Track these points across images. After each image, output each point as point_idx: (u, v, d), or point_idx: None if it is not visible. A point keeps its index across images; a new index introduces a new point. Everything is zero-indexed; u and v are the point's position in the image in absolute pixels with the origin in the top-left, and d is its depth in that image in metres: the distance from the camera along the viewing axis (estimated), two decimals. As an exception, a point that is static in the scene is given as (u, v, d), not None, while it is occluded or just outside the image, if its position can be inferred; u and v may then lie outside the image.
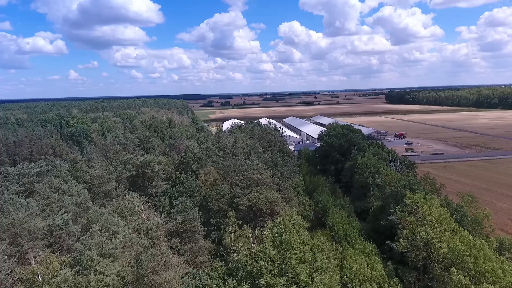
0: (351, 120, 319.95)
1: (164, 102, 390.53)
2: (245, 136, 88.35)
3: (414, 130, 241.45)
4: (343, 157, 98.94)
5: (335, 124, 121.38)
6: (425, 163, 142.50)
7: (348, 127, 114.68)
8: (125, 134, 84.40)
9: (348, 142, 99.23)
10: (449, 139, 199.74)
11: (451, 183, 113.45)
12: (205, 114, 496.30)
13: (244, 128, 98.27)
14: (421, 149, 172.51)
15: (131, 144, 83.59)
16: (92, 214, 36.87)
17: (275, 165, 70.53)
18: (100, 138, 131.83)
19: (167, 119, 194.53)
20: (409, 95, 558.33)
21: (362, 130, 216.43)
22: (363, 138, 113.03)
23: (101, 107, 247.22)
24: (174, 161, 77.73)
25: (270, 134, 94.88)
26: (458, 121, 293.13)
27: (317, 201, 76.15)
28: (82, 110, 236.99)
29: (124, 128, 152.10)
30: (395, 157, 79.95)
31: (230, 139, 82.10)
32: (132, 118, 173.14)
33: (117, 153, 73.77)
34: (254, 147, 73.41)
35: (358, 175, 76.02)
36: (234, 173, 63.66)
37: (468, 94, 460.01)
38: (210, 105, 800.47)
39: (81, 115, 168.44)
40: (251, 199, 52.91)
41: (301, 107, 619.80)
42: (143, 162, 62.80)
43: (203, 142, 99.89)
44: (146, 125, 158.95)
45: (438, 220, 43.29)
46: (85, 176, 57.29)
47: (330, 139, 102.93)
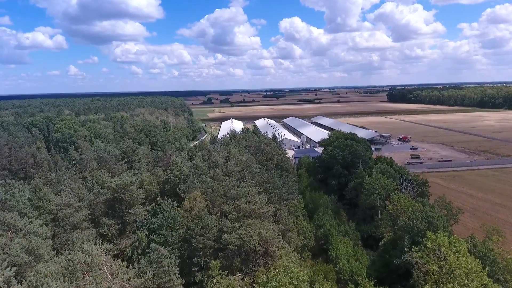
0: (352, 121, 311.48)
1: (162, 101, 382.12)
2: (239, 149, 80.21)
3: (418, 133, 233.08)
4: (346, 171, 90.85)
5: (337, 132, 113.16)
6: (433, 172, 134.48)
7: (352, 136, 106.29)
8: (106, 147, 76.13)
9: (352, 154, 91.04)
10: (455, 143, 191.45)
11: (462, 197, 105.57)
12: (203, 113, 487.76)
13: (238, 138, 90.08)
14: (427, 155, 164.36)
15: (113, 158, 75.43)
16: (34, 277, 28.82)
17: (271, 187, 62.46)
18: (86, 145, 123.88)
19: (162, 122, 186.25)
20: (412, 94, 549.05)
21: (364, 133, 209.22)
22: (367, 148, 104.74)
23: (94, 107, 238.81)
24: (159, 180, 69.63)
25: (268, 146, 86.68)
26: (462, 122, 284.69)
27: (319, 224, 68.25)
28: (74, 110, 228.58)
29: (114, 133, 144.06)
30: (406, 175, 71.79)
31: (222, 153, 73.95)
32: (124, 121, 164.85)
33: (94, 171, 65.62)
34: (248, 165, 65.26)
35: (364, 196, 67.99)
36: (224, 198, 55.57)
37: (472, 93, 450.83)
38: (209, 103, 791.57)
39: (70, 118, 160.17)
40: (242, 236, 44.83)
41: (301, 105, 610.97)
42: (120, 186, 54.66)
43: (194, 154, 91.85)
44: (138, 130, 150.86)
45: (468, 275, 35.10)
46: (49, 206, 49.22)
47: (332, 150, 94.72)
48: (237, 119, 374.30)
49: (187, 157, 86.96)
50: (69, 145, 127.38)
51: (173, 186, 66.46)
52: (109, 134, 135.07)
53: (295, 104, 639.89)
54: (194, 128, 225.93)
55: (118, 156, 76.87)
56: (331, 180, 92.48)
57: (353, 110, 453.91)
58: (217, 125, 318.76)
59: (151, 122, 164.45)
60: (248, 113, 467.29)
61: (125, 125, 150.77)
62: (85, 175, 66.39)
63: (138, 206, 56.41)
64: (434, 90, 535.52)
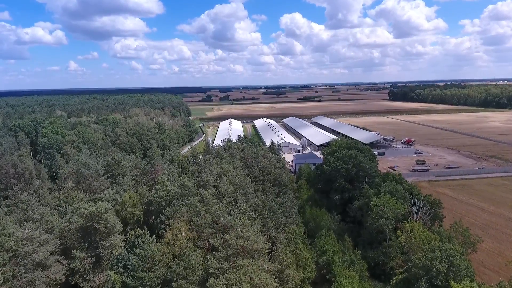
0: (353, 121, 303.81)
1: (159, 99, 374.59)
2: (233, 163, 73.17)
3: (422, 135, 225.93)
4: (350, 185, 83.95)
5: (340, 140, 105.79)
6: (440, 181, 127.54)
7: (356, 146, 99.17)
8: (86, 161, 69.09)
9: (356, 167, 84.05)
10: (461, 147, 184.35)
11: (473, 211, 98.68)
12: (202, 111, 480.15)
13: (233, 150, 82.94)
14: (432, 161, 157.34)
15: (94, 173, 68.42)
16: None
17: (267, 211, 55.51)
18: (74, 151, 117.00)
19: (157, 124, 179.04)
20: (414, 93, 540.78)
21: (366, 135, 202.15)
22: (372, 158, 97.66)
23: (87, 108, 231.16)
24: (143, 200, 62.65)
25: (265, 158, 79.67)
26: (467, 123, 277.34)
27: (321, 250, 61.34)
28: (67, 110, 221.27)
29: (105, 138, 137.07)
30: (417, 196, 64.78)
31: (214, 169, 66.92)
32: (116, 124, 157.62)
33: (69, 192, 58.64)
34: (242, 185, 58.25)
35: (371, 219, 61.04)
36: (213, 229, 48.66)
37: (475, 92, 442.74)
38: (209, 100, 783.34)
39: (59, 120, 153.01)
40: (230, 282, 38.00)
41: (301, 103, 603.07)
42: (94, 214, 47.73)
43: (185, 166, 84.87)
44: (130, 134, 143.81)
45: None
46: (8, 241, 42.32)
47: (335, 162, 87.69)
48: (236, 118, 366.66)
49: (176, 170, 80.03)
50: (56, 151, 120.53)
51: (158, 207, 59.58)
52: (98, 139, 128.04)
53: (295, 102, 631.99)
54: (191, 129, 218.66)
55: (99, 171, 69.79)
56: (333, 194, 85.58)
57: (354, 109, 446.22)
58: (215, 125, 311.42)
59: (144, 126, 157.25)
60: (247, 112, 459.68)
61: (116, 129, 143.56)
62: (59, 195, 59.41)
63: (115, 237, 49.47)
64: (437, 89, 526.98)
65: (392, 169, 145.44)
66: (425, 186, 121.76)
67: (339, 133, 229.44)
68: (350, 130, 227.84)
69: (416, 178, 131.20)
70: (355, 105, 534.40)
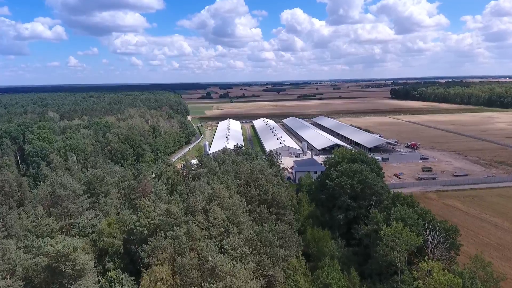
0: (355, 121, 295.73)
1: (157, 98, 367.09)
2: (227, 182, 66.18)
3: (426, 137, 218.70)
4: (355, 202, 77.01)
5: (343, 150, 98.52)
6: (449, 191, 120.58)
7: (360, 157, 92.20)
8: (63, 181, 62.04)
9: (362, 183, 77.06)
10: (468, 151, 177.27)
11: (486, 228, 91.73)
12: (201, 110, 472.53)
13: (228, 165, 75.95)
14: (439, 167, 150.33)
15: (71, 193, 61.46)
16: None
17: (263, 244, 48.64)
18: (60, 160, 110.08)
19: (151, 127, 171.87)
20: (416, 91, 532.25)
21: (369, 139, 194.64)
22: (379, 172, 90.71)
23: (81, 109, 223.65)
24: (124, 227, 55.75)
25: (262, 174, 72.76)
26: (472, 125, 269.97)
27: (324, 283, 54.56)
28: (60, 112, 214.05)
29: (95, 143, 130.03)
30: (432, 222, 57.82)
31: (205, 189, 59.96)
32: (108, 128, 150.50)
33: (39, 220, 51.76)
34: (235, 214, 51.31)
35: (381, 250, 54.13)
36: (199, 271, 41.79)
37: (479, 91, 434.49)
38: (208, 97, 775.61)
39: (48, 124, 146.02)
40: None
41: (302, 101, 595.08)
42: (60, 255, 40.82)
43: (175, 183, 78.05)
44: (121, 139, 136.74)
45: None
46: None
47: (338, 176, 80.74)
48: (236, 118, 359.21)
49: (165, 188, 73.19)
50: (41, 159, 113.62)
51: (139, 238, 52.73)
52: (87, 146, 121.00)
53: (296, 100, 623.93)
54: (187, 131, 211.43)
55: (78, 191, 62.82)
56: (336, 212, 78.68)
57: (356, 108, 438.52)
58: (213, 125, 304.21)
59: (137, 130, 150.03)
60: (247, 111, 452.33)
61: (107, 134, 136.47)
62: (28, 223, 52.51)
63: (86, 280, 42.55)
64: (440, 87, 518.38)
65: (397, 176, 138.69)
66: (434, 197, 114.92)
67: (341, 135, 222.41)
68: (352, 132, 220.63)
69: (423, 188, 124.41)
70: (356, 103, 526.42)
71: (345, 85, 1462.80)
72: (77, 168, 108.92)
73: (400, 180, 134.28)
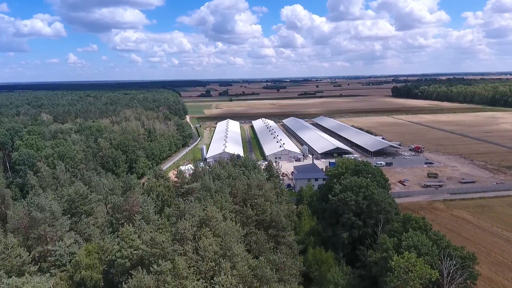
0: (357, 121, 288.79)
1: (155, 97, 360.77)
2: (221, 202, 60.45)
3: (430, 140, 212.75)
4: (360, 220, 71.34)
5: (346, 161, 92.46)
6: (456, 200, 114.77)
7: (365, 168, 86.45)
8: (40, 203, 56.29)
9: (367, 199, 71.38)
10: (474, 155, 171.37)
11: (499, 244, 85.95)
12: (200, 109, 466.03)
13: (223, 181, 70.17)
14: (445, 173, 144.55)
15: (49, 216, 55.76)
16: None
17: (259, 282, 43.02)
18: (47, 169, 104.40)
19: (146, 130, 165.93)
20: (418, 89, 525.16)
21: (371, 142, 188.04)
22: (385, 184, 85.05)
23: (75, 110, 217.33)
24: (105, 257, 50.07)
25: (260, 190, 67.06)
26: (476, 125, 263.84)
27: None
28: (53, 113, 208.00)
29: (86, 150, 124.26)
30: (448, 250, 52.04)
31: (196, 212, 54.24)
32: (100, 133, 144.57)
33: (8, 251, 46.11)
34: (228, 245, 45.56)
35: (392, 283, 48.46)
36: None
37: (482, 90, 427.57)
38: (208, 95, 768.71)
39: (39, 129, 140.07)
40: None
41: (303, 100, 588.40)
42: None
43: (166, 200, 72.43)
44: (114, 144, 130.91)
45: None
46: None
47: (342, 191, 75.05)
48: (235, 117, 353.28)
49: (154, 205, 67.54)
50: (28, 168, 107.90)
51: (121, 270, 47.09)
52: (77, 153, 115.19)
53: (296, 98, 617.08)
54: (185, 133, 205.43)
55: (57, 213, 57.09)
56: (340, 230, 73.03)
57: (357, 107, 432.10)
58: (212, 125, 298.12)
59: (131, 134, 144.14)
60: (246, 110, 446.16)
61: (99, 139, 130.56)
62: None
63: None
64: (442, 85, 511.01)
65: (402, 183, 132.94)
66: (441, 207, 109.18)
67: (342, 137, 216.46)
68: (354, 134, 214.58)
69: (430, 197, 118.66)
70: (357, 102, 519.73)
71: (345, 82, 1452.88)
72: (65, 177, 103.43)
73: (405, 188, 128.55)
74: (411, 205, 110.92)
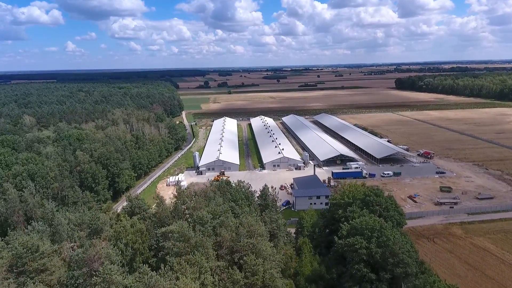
0: (360, 119, 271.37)
1: (149, 92, 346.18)
2: (200, 261, 48.12)
3: (439, 142, 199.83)
4: (373, 272, 59.16)
5: (353, 188, 79.18)
6: (475, 223, 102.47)
7: (377, 199, 73.83)
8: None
9: (382, 246, 58.99)
10: (488, 162, 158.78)
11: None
12: (197, 102, 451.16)
13: (206, 226, 57.58)
14: (459, 185, 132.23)
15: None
16: None
17: None
18: (14, 192, 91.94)
19: (134, 136, 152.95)
20: (422, 82, 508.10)
21: (378, 147, 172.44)
22: (400, 219, 72.61)
23: (61, 111, 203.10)
24: None
25: (251, 236, 54.77)
26: (485, 124, 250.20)
27: None
28: (37, 115, 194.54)
29: (62, 165, 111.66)
30: None
31: (165, 286, 41.89)
32: (80, 142, 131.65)
33: None
34: None
35: None
36: None
37: (490, 83, 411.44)
38: (206, 87, 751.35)
39: (13, 138, 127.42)
40: None
41: (304, 92, 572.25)
42: None
43: (137, 247, 60.28)
44: (94, 157, 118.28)
45: None
46: None
47: (350, 233, 62.71)
48: (233, 113, 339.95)
49: (122, 258, 55.39)
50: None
51: None
52: (50, 170, 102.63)
53: (297, 91, 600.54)
54: (178, 136, 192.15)
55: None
56: (348, 282, 60.88)
57: (360, 101, 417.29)
58: (208, 123, 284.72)
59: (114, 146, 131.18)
60: (245, 105, 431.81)
61: (78, 151, 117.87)
62: None
63: None
64: (448, 78, 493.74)
65: (413, 199, 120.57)
66: (459, 233, 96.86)
67: (345, 140, 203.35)
68: (358, 136, 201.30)
69: (445, 218, 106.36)
70: (360, 94, 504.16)
71: (347, 71, 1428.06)
72: (34, 201, 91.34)
73: (416, 205, 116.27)
74: (424, 230, 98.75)
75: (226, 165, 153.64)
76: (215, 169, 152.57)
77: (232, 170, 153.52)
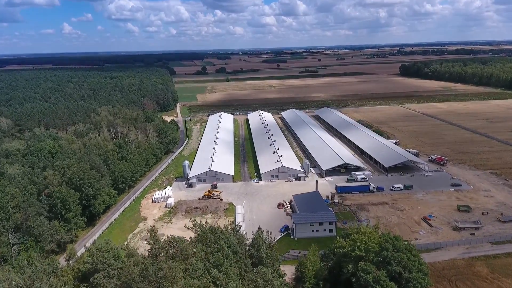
0: (364, 113, 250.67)
1: (141, 84, 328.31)
2: None
3: (451, 144, 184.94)
4: None
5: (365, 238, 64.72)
6: (501, 257, 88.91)
7: (398, 256, 59.65)
8: None
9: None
10: (507, 171, 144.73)
11: None
12: (193, 92, 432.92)
13: None
14: (477, 201, 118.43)
15: None
16: None
17: None
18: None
19: (116, 146, 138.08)
20: (429, 68, 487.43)
21: (386, 152, 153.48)
22: (424, 279, 58.71)
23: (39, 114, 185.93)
24: None
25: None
26: (499, 120, 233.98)
27: None
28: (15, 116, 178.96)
29: (28, 188, 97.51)
30: None
31: None
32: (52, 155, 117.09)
33: None
34: None
35: None
36: None
37: (500, 71, 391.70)
38: (204, 73, 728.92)
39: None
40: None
41: (305, 80, 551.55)
42: None
43: None
44: (66, 176, 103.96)
45: None
46: None
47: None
48: (230, 105, 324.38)
49: None
50: None
51: None
52: (12, 198, 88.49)
53: (297, 78, 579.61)
54: (168, 139, 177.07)
55: None
56: None
57: (364, 91, 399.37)
58: (204, 119, 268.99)
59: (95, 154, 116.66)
60: (243, 96, 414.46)
61: (47, 171, 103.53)
62: None
63: None
64: (455, 65, 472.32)
65: (427, 222, 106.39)
66: (484, 273, 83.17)
67: (350, 141, 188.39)
68: (363, 137, 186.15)
69: (467, 250, 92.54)
70: (364, 82, 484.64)
71: (349, 53, 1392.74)
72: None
73: (432, 230, 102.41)
74: (445, 269, 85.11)
75: (219, 176, 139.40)
76: (206, 181, 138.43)
77: (226, 181, 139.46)
